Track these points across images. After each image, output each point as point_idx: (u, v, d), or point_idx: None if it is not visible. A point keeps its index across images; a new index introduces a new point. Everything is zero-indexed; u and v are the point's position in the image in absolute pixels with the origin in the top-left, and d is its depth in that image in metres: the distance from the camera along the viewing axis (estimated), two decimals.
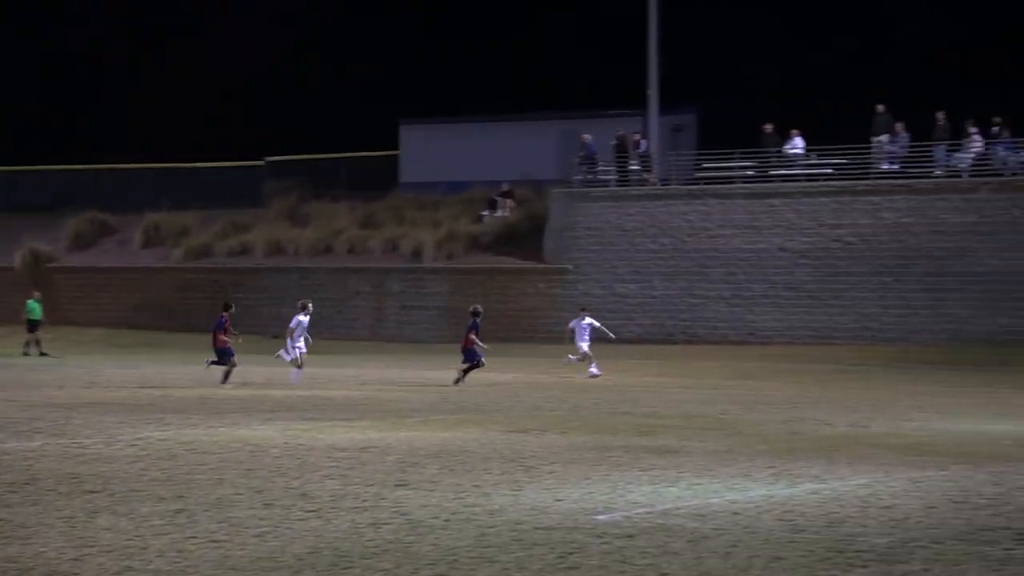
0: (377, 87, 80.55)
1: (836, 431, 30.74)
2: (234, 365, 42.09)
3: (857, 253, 61.34)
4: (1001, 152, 60.97)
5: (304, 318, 43.49)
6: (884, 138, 62.88)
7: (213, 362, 42.56)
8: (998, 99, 64.41)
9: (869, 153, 62.94)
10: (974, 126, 61.27)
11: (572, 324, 49.09)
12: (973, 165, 61.27)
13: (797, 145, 64.28)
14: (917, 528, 18.79)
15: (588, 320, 48.63)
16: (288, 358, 43.08)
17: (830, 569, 16.23)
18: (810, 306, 61.20)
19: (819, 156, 64.19)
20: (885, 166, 62.87)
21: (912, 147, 62.61)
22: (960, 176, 61.28)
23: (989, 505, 20.63)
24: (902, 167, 62.63)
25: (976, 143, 61.21)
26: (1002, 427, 31.42)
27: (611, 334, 49.59)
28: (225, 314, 43.57)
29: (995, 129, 61.12)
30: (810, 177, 63.50)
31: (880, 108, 63.21)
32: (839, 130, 63.92)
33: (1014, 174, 60.41)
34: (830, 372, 49.17)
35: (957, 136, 61.65)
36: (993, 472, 23.99)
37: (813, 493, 21.79)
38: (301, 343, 43.14)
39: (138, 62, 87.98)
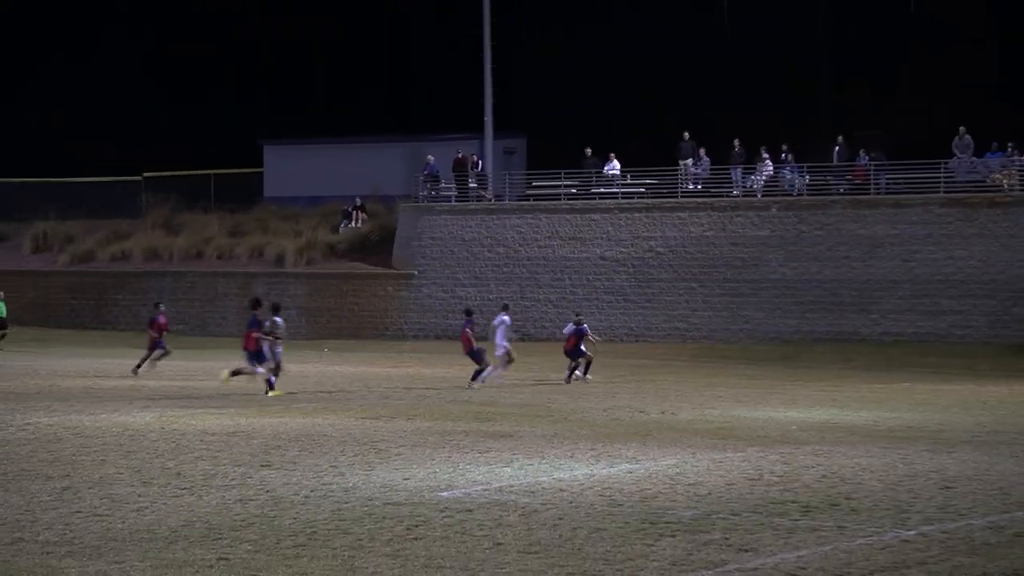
0: (242, 111, 79.89)
1: (649, 418, 30.97)
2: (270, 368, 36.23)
3: (667, 262, 61.98)
4: (789, 175, 61.84)
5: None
6: (689, 162, 63.56)
7: (235, 373, 36.33)
8: (785, 128, 65.38)
9: (676, 175, 63.59)
10: (766, 152, 62.11)
11: (495, 322, 42.60)
12: (765, 186, 62.07)
13: (614, 167, 64.82)
14: (718, 502, 18.99)
15: (506, 318, 42.79)
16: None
17: (643, 538, 16.35)
18: (627, 308, 61.66)
19: (633, 177, 64.73)
20: (690, 186, 63.55)
21: (713, 170, 63.36)
22: (754, 196, 62.07)
23: (780, 482, 20.90)
24: (705, 187, 63.38)
25: (768, 167, 62.04)
26: (790, 414, 31.84)
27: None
28: (256, 312, 36.64)
29: (784, 155, 62.01)
30: (626, 195, 64.01)
31: (686, 136, 63.90)
32: (650, 155, 64.60)
33: (800, 194, 61.30)
34: (644, 366, 49.55)
35: (751, 161, 62.47)
36: (783, 453, 24.31)
37: (629, 472, 21.95)
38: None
39: (26, 82, 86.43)
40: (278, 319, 37.02)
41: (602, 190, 64.48)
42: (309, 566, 14.91)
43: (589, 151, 65.21)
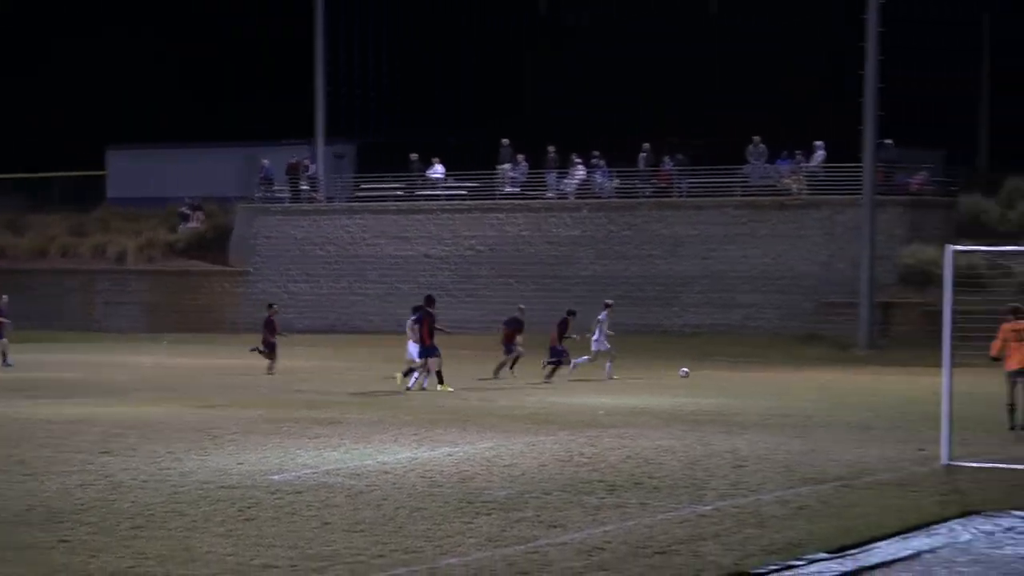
0: (85, 115, 78.37)
1: (469, 404, 31.05)
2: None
3: (486, 259, 62.19)
4: (599, 179, 62.41)
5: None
6: (507, 166, 63.80)
7: (255, 349, 40.88)
8: (597, 135, 65.92)
9: (495, 178, 63.82)
10: (578, 158, 62.60)
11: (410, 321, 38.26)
12: (577, 189, 62.57)
13: (438, 171, 64.85)
14: (531, 482, 19.11)
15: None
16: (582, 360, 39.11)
17: (461, 517, 16.41)
18: (449, 303, 61.56)
19: (456, 180, 64.85)
20: (508, 189, 63.80)
21: (529, 174, 63.70)
22: (567, 198, 62.53)
23: (588, 463, 21.09)
24: (522, 190, 63.67)
25: (580, 171, 62.55)
26: (599, 401, 32.12)
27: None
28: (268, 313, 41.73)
29: (594, 160, 62.55)
30: (448, 197, 64.10)
31: (505, 142, 64.12)
32: (471, 159, 64.75)
33: (609, 197, 61.90)
34: (466, 357, 49.56)
35: (565, 165, 62.92)
36: (591, 436, 24.52)
37: (449, 455, 22.00)
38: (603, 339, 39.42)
39: None
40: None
41: (427, 192, 64.51)
42: (146, 547, 14.71)
43: (414, 156, 65.17)
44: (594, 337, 40.10)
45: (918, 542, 14.60)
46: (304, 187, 66.66)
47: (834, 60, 61.96)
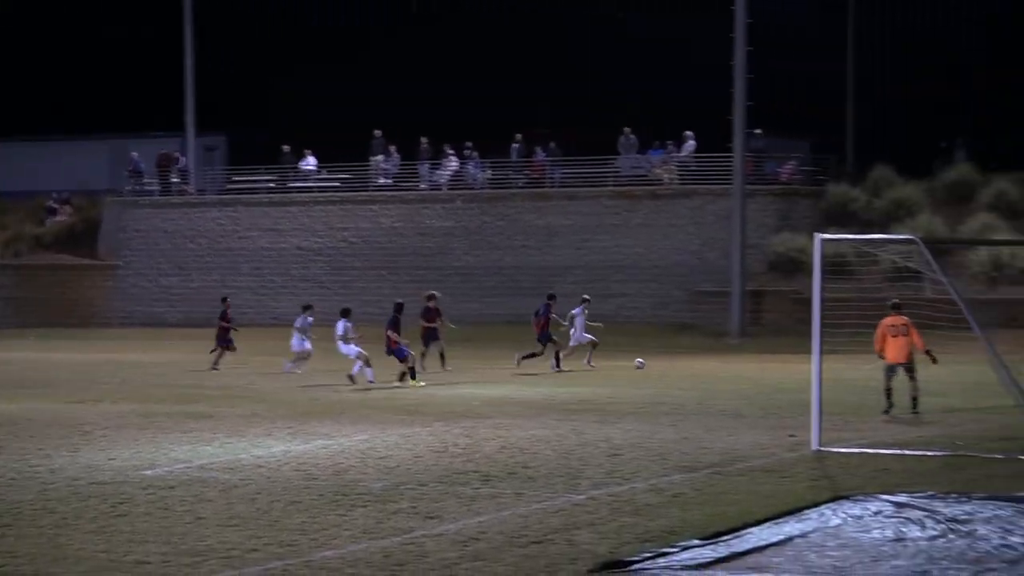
0: None
1: (343, 396, 30.93)
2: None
3: (359, 251, 62.02)
4: (472, 170, 62.48)
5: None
6: (380, 158, 63.63)
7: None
8: (468, 126, 65.95)
9: (368, 170, 63.63)
10: (451, 149, 62.61)
11: (297, 323, 39.14)
12: (451, 180, 62.58)
13: (310, 163, 64.52)
14: (406, 474, 19.09)
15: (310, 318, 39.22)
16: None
17: (337, 509, 16.35)
18: (322, 295, 61.27)
19: (328, 172, 64.59)
20: (381, 180, 63.64)
21: (402, 165, 63.60)
22: (441, 189, 62.52)
23: (463, 454, 21.11)
24: (395, 182, 63.56)
25: (452, 163, 62.57)
26: (474, 391, 32.16)
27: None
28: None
29: (467, 151, 62.61)
30: (321, 189, 63.83)
31: (376, 133, 63.94)
32: (344, 151, 64.49)
33: (482, 188, 62.01)
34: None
35: (437, 157, 62.91)
36: (466, 427, 24.55)
37: (324, 448, 21.91)
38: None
39: None
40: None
41: (299, 184, 64.17)
42: (16, 545, 14.48)
43: (286, 148, 64.80)
44: (572, 332, 40.57)
45: (789, 527, 14.80)
46: (174, 180, 65.99)
47: (704, 50, 62.45)
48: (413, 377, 33.76)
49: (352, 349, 34.53)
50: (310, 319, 38.78)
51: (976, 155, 61.43)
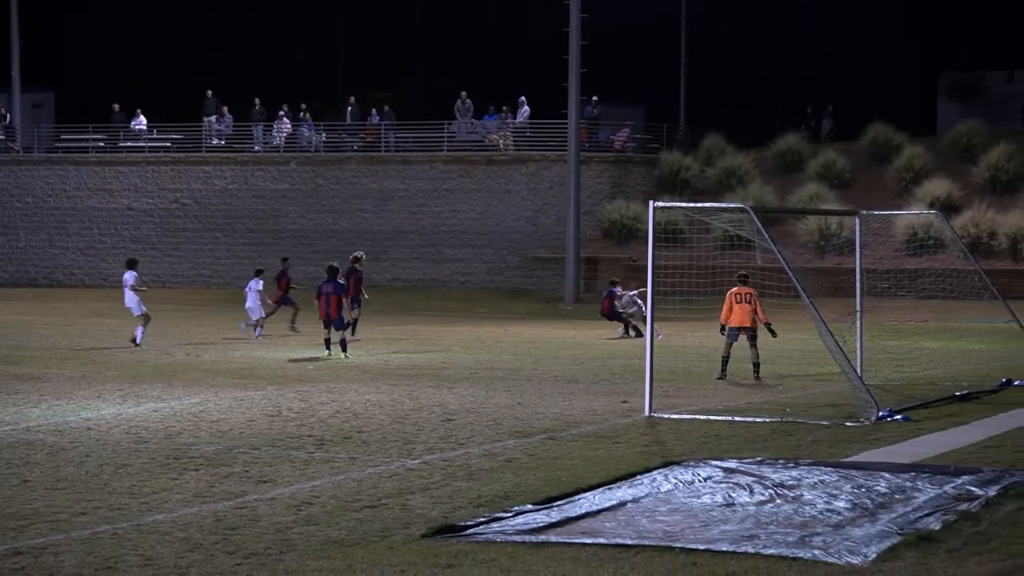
0: None
1: (175, 360, 30.56)
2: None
3: (192, 213, 61.27)
4: (307, 132, 62.05)
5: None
6: (213, 119, 62.87)
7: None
8: (304, 89, 65.46)
9: (201, 130, 62.84)
10: (285, 111, 62.08)
11: (248, 287, 37.62)
12: (285, 143, 62.09)
13: (142, 123, 63.53)
14: (240, 438, 18.93)
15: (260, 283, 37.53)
16: None
17: (168, 472, 16.16)
18: (153, 256, 60.57)
19: (160, 132, 63.67)
20: (215, 141, 62.91)
21: (236, 126, 62.93)
22: (276, 152, 62.00)
23: (297, 418, 20.98)
24: (228, 143, 62.88)
25: (286, 125, 62.07)
26: (308, 355, 31.97)
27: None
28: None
29: (302, 113, 62.14)
30: (152, 149, 62.88)
31: (209, 93, 63.16)
32: (176, 111, 63.65)
33: (317, 150, 61.62)
34: (170, 311, 48.78)
35: (271, 119, 62.36)
36: (300, 392, 24.41)
37: (155, 411, 21.63)
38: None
39: None
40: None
41: (130, 144, 63.16)
42: None
43: (117, 106, 63.69)
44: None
45: (622, 492, 14.95)
46: (0, 137, 64.50)
47: (540, 17, 62.68)
48: (344, 349, 31.61)
49: (136, 304, 33.79)
50: (261, 282, 37.60)
51: (808, 125, 62.53)
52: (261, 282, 37.66)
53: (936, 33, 70.83)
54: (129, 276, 34.41)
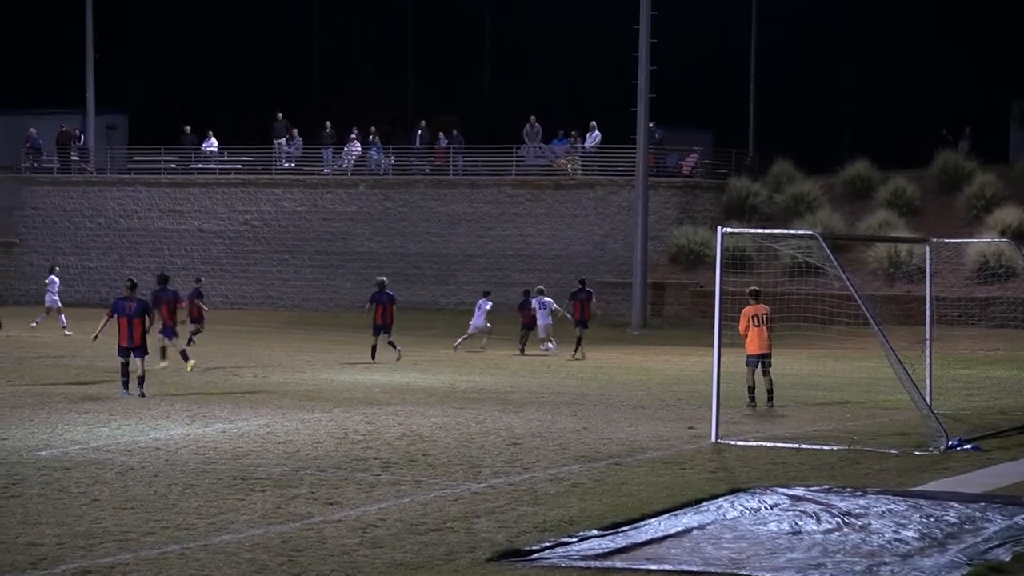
0: None
1: (243, 381, 30.72)
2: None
3: (261, 235, 61.65)
4: (376, 155, 62.32)
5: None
6: (283, 141, 63.28)
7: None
8: (374, 112, 65.79)
9: (271, 153, 63.26)
10: (354, 133, 62.41)
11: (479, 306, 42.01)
12: (354, 166, 62.39)
13: (213, 144, 64.05)
14: (306, 459, 18.99)
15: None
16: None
17: (235, 493, 16.23)
18: (223, 278, 61.00)
19: (230, 154, 64.14)
20: (285, 164, 63.31)
21: (306, 149, 63.31)
22: (344, 174, 62.30)
23: (363, 440, 21.03)
24: (298, 166, 63.26)
25: (356, 147, 62.37)
26: (374, 378, 32.07)
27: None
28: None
29: (371, 136, 62.42)
30: (223, 171, 63.36)
31: (279, 116, 63.58)
32: (247, 133, 64.11)
33: (385, 173, 61.87)
34: (239, 333, 49.11)
35: (341, 141, 62.68)
36: (367, 414, 24.47)
37: (223, 432, 21.74)
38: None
39: None
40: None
41: (200, 166, 63.68)
42: None
43: (188, 128, 64.24)
44: (476, 322, 41.56)
45: (687, 519, 14.88)
46: (74, 158, 65.22)
47: (610, 42, 62.71)
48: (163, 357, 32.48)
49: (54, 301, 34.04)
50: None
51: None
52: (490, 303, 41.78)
53: (1010, 60, 70.23)
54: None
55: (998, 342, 43.26)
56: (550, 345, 40.78)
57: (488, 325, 41.76)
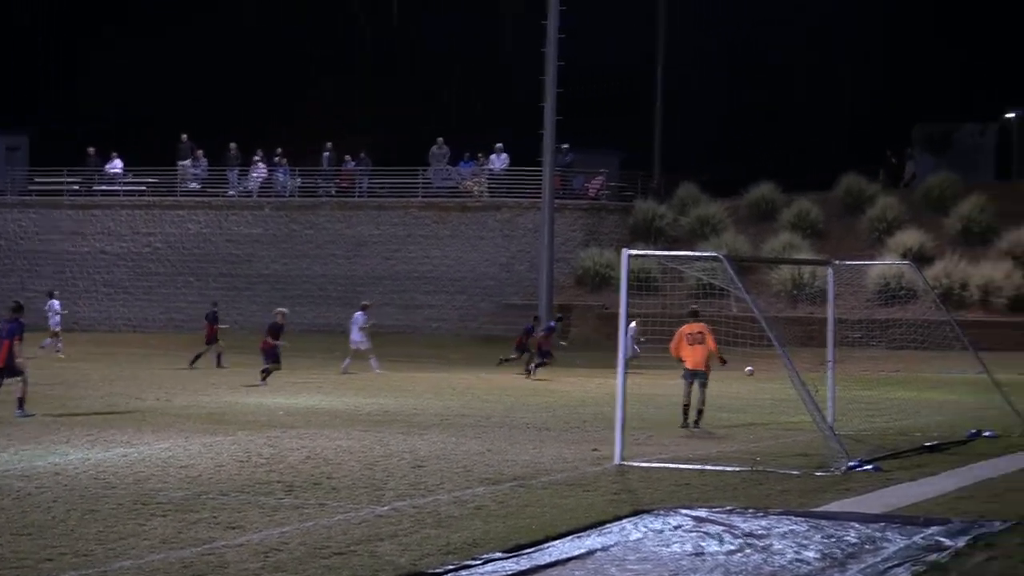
0: None
1: (145, 404, 30.41)
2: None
3: (165, 257, 61.17)
4: (282, 177, 62.05)
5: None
6: (188, 162, 62.86)
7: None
8: (278, 133, 65.51)
9: (176, 174, 62.81)
10: (259, 155, 62.12)
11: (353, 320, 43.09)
12: (260, 187, 62.07)
13: (117, 166, 63.47)
14: (208, 483, 18.82)
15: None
16: None
17: (136, 518, 16.04)
18: (125, 300, 60.45)
19: (135, 176, 63.61)
20: (191, 185, 62.88)
21: (211, 171, 62.92)
22: (250, 196, 61.96)
23: (266, 464, 20.88)
24: (203, 187, 62.85)
25: (261, 169, 62.07)
26: (278, 400, 31.87)
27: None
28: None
29: (277, 158, 62.17)
30: (127, 193, 62.80)
31: (184, 137, 63.15)
32: (152, 154, 63.62)
33: (291, 195, 61.61)
34: (142, 355, 48.65)
35: (247, 163, 62.38)
36: (270, 437, 24.30)
37: (123, 456, 21.50)
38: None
39: None
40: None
41: (104, 187, 63.08)
42: None
43: (92, 150, 63.63)
44: (353, 337, 41.95)
45: (591, 540, 14.91)
46: None
47: (519, 64, 62.93)
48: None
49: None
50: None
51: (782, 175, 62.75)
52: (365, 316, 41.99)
53: (910, 85, 71.26)
54: None
55: (899, 363, 43.78)
56: (347, 362, 41.51)
57: (364, 340, 41.97)
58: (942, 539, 15.05)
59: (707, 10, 70.20)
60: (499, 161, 60.31)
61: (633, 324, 37.56)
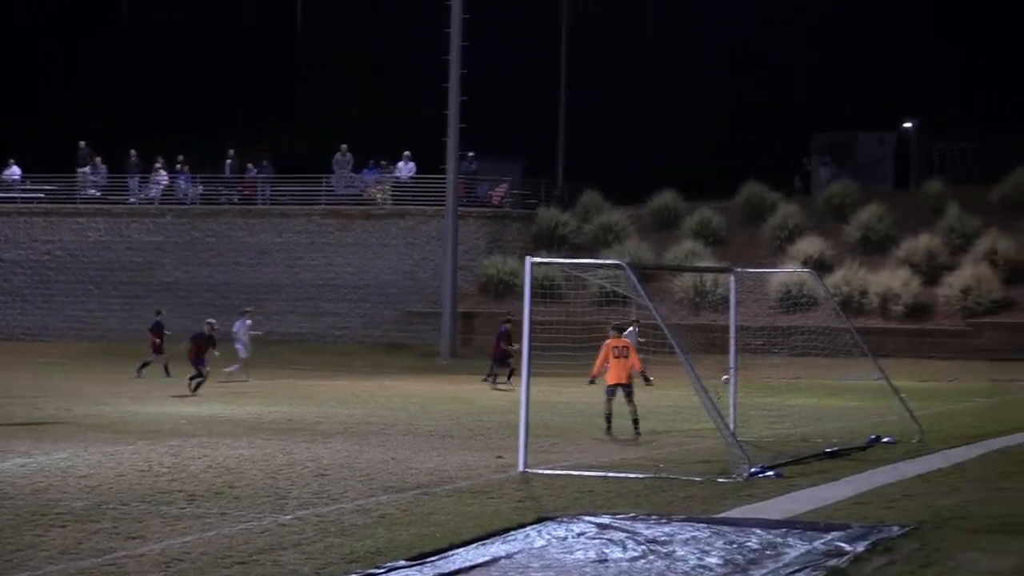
0: None
1: (44, 413, 30.06)
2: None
3: (65, 265, 60.50)
4: (183, 184, 61.61)
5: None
6: (87, 169, 62.24)
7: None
8: (181, 140, 64.97)
9: (75, 181, 62.15)
10: (159, 162, 61.64)
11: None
12: (161, 194, 61.59)
13: (15, 172, 62.69)
14: (109, 493, 18.64)
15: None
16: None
17: (34, 529, 15.85)
18: (24, 308, 59.71)
19: (33, 182, 62.85)
20: (90, 192, 62.26)
21: (111, 178, 62.34)
22: (151, 203, 61.44)
23: (168, 473, 20.71)
24: (103, 194, 62.25)
25: (162, 176, 61.60)
26: (181, 409, 31.65)
27: None
28: None
29: (178, 165, 61.72)
30: (25, 200, 62.04)
31: (82, 144, 62.53)
32: (49, 160, 62.86)
33: (193, 203, 61.18)
34: (41, 365, 48.06)
35: (147, 170, 61.85)
36: (172, 446, 24.10)
37: (21, 466, 21.23)
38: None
39: None
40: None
41: (1, 194, 62.27)
42: None
43: None
44: (239, 345, 42.16)
45: (495, 548, 14.93)
46: None
47: (424, 72, 62.92)
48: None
49: None
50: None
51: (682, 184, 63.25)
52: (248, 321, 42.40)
53: (809, 96, 72.04)
54: None
55: (800, 370, 44.21)
56: (233, 368, 41.82)
57: (244, 347, 42.32)
58: (842, 544, 15.22)
59: (607, 14, 70.62)
60: (406, 169, 60.26)
61: (631, 328, 37.72)
